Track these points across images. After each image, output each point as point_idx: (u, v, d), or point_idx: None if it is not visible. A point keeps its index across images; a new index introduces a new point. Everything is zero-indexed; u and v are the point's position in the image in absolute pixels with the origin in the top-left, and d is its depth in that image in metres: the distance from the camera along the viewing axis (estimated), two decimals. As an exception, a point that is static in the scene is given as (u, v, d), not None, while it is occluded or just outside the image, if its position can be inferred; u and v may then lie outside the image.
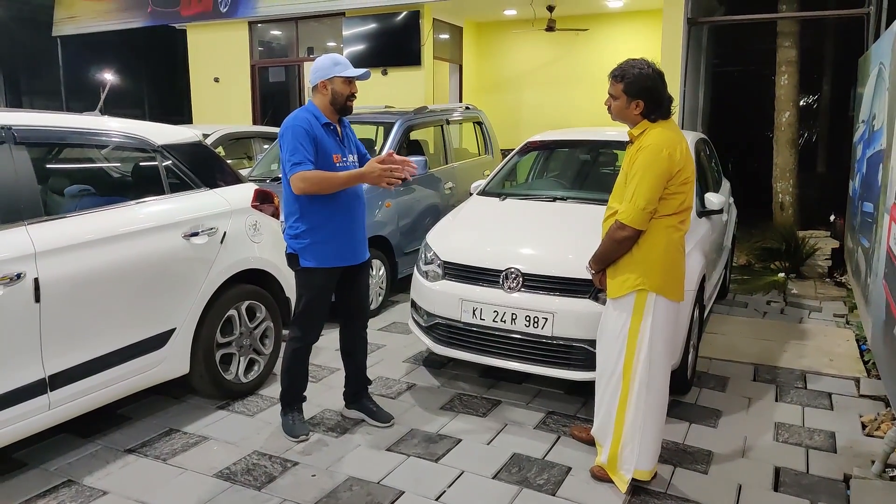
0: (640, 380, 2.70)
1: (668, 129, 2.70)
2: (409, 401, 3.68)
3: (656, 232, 2.65)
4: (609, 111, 2.78)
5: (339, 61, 3.00)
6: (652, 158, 2.59)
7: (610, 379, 2.80)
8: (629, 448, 2.74)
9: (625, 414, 2.74)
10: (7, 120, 2.76)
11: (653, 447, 2.78)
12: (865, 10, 7.15)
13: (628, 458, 2.75)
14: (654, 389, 2.73)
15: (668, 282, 2.69)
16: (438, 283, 3.79)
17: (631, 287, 2.68)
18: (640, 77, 2.66)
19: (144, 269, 3.09)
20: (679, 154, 2.62)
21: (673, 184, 2.62)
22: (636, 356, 2.70)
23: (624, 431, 2.75)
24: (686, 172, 2.65)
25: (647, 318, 2.67)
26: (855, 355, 4.44)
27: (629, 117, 2.73)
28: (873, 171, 4.73)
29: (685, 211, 2.71)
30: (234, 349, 3.62)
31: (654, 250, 2.66)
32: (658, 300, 2.67)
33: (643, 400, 2.71)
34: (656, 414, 2.77)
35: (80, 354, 2.81)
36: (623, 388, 2.74)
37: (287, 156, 2.95)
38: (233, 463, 2.98)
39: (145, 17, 11.31)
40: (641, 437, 2.72)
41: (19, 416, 2.61)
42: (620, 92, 2.69)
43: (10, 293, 2.54)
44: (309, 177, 2.90)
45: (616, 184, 2.82)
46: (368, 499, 2.72)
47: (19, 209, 2.67)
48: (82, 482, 2.81)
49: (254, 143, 7.63)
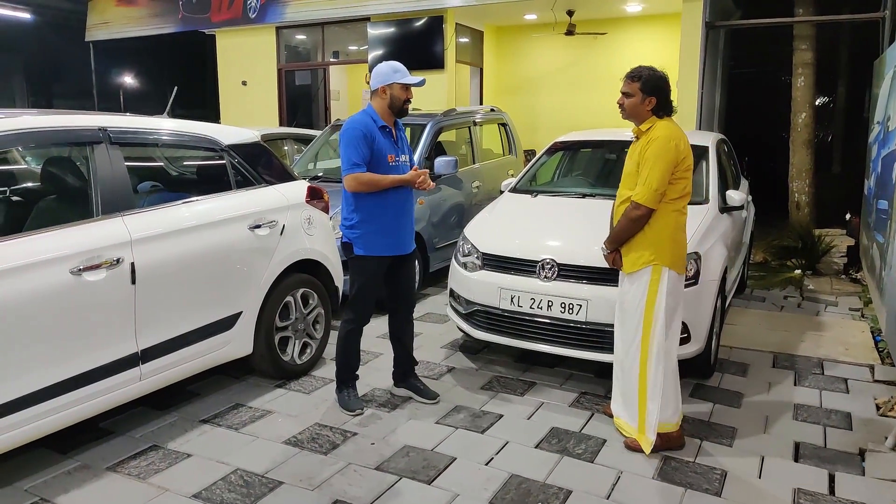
0: (658, 345, 3.07)
1: (673, 124, 3.11)
2: (450, 381, 3.97)
3: (665, 215, 3.05)
4: (621, 109, 3.16)
5: (398, 69, 3.31)
6: (663, 148, 2.98)
7: (629, 349, 3.14)
8: (654, 409, 3.08)
9: (647, 379, 3.10)
10: (103, 122, 3.09)
11: (674, 402, 3.14)
12: (881, 14, 7.36)
13: (653, 419, 3.08)
14: (669, 354, 3.11)
15: (677, 257, 3.10)
16: (477, 273, 4.07)
17: (646, 262, 3.06)
18: (654, 77, 3.09)
19: (218, 256, 3.41)
20: (683, 144, 3.04)
21: (678, 170, 3.02)
22: (654, 325, 3.07)
23: (648, 395, 3.10)
24: (688, 161, 3.06)
25: (662, 289, 3.05)
26: (870, 345, 4.67)
27: (641, 113, 3.10)
28: (888, 170, 4.97)
29: (687, 195, 3.11)
30: (290, 333, 3.93)
31: (665, 230, 3.05)
32: (670, 273, 3.06)
33: (661, 364, 3.07)
34: (672, 374, 3.14)
35: (167, 332, 3.14)
36: (642, 355, 3.10)
37: (344, 156, 3.28)
38: (298, 432, 3.29)
39: (176, 23, 11.70)
40: (663, 396, 3.07)
41: (118, 385, 2.94)
42: (637, 90, 3.07)
43: (111, 276, 2.86)
44: (361, 177, 3.28)
45: (624, 174, 3.20)
46: (425, 463, 3.01)
47: (116, 201, 2.99)
48: (167, 447, 3.13)
49: (285, 145, 7.97)
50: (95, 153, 2.98)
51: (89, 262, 2.78)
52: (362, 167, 3.27)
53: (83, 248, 2.78)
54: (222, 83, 11.84)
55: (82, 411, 2.85)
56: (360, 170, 3.26)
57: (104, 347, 2.87)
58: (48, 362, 2.68)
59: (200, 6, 11.33)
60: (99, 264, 2.81)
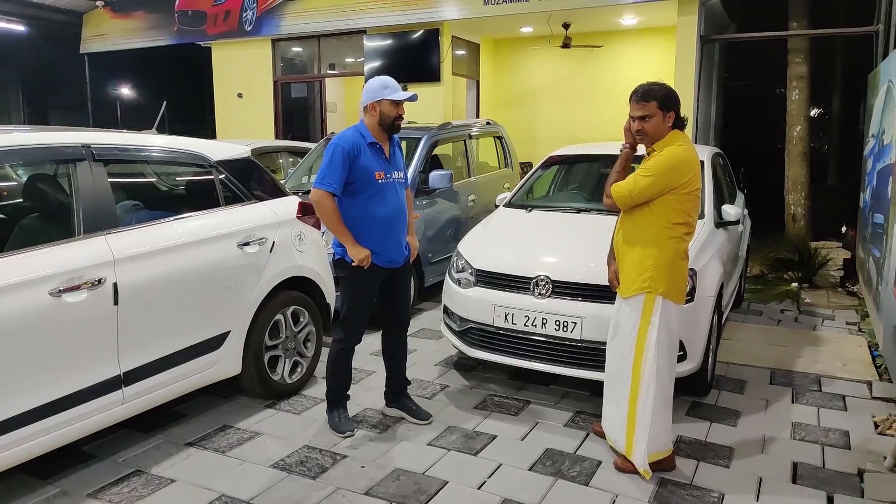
0: (648, 374, 2.95)
1: (687, 146, 2.96)
2: (444, 401, 3.90)
3: (665, 241, 2.93)
4: (643, 136, 2.98)
5: (387, 84, 3.25)
6: (663, 163, 2.88)
7: (620, 373, 3.05)
8: (642, 438, 2.98)
9: (636, 407, 2.99)
10: (86, 139, 3.03)
11: (663, 433, 3.04)
12: (874, 27, 7.38)
13: (641, 450, 2.99)
14: (661, 382, 2.99)
15: (673, 287, 2.96)
16: (471, 289, 4.02)
17: (639, 289, 2.95)
18: (665, 90, 2.97)
19: (205, 275, 3.35)
20: (689, 169, 2.90)
21: (678, 192, 2.88)
22: (645, 353, 2.96)
23: (637, 424, 2.99)
24: (691, 185, 2.91)
25: (655, 318, 2.93)
26: (867, 360, 4.62)
27: (663, 132, 2.97)
28: (883, 183, 4.94)
29: (691, 225, 2.98)
30: (280, 351, 3.87)
31: (662, 257, 2.93)
32: (664, 303, 2.94)
33: (651, 393, 2.96)
34: (664, 404, 3.02)
35: (151, 353, 3.07)
36: (633, 382, 2.99)
37: (321, 170, 3.25)
38: (286, 455, 3.21)
39: (172, 35, 11.70)
40: (651, 427, 2.97)
41: (99, 408, 2.87)
42: (655, 109, 2.93)
43: (93, 296, 2.80)
44: (324, 203, 3.21)
45: None
46: (416, 487, 2.94)
47: (99, 220, 2.94)
48: (150, 471, 3.05)
49: (279, 157, 7.92)
50: (78, 170, 2.92)
51: (69, 282, 2.72)
52: (335, 187, 3.20)
53: (63, 269, 2.72)
54: (218, 96, 11.83)
55: (63, 436, 2.77)
56: (330, 189, 3.19)
57: (85, 371, 2.80)
58: (26, 387, 2.60)
59: (196, 19, 11.33)
60: (79, 285, 2.75)
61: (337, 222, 3.25)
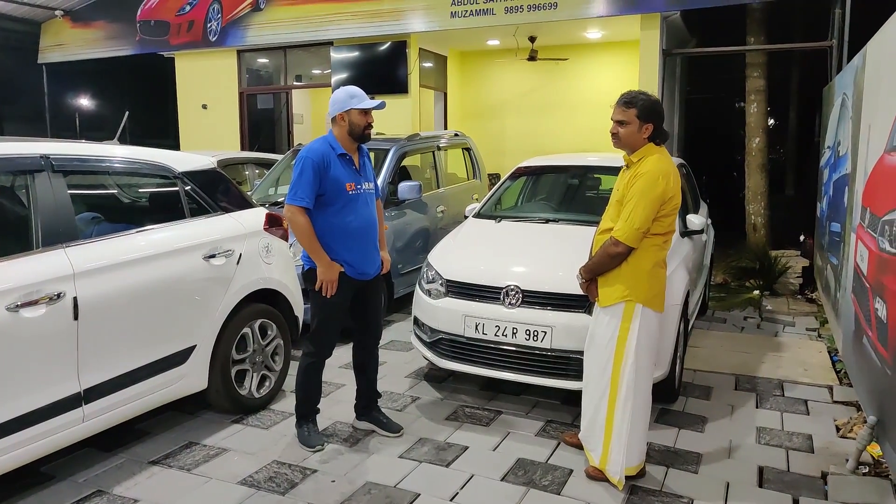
0: (627, 384, 2.95)
1: (664, 157, 2.96)
2: (415, 413, 3.87)
3: (645, 250, 2.93)
4: (615, 138, 2.99)
5: (354, 94, 3.24)
6: (650, 185, 2.85)
7: (598, 383, 3.04)
8: (618, 449, 2.98)
9: (613, 417, 2.99)
10: (45, 149, 2.95)
11: (639, 446, 3.04)
12: (829, 42, 7.66)
13: (618, 459, 2.99)
14: (640, 393, 2.99)
15: (653, 295, 2.98)
16: (441, 300, 4.01)
17: (620, 298, 2.95)
18: (650, 102, 2.94)
19: (170, 288, 3.27)
20: (672, 182, 2.90)
21: (664, 208, 2.89)
22: (624, 362, 2.95)
23: (613, 434, 2.99)
24: (676, 199, 2.93)
25: (634, 326, 2.93)
26: (827, 365, 4.74)
27: (637, 142, 2.94)
28: (839, 193, 5.10)
29: (670, 233, 2.99)
30: (247, 365, 3.79)
31: (642, 266, 2.93)
32: (644, 311, 2.94)
33: (630, 403, 2.96)
34: (641, 416, 3.03)
35: (113, 369, 2.97)
36: (611, 392, 2.99)
37: (291, 184, 3.20)
38: (255, 471, 3.14)
39: (134, 45, 11.48)
40: (629, 438, 2.97)
41: (58, 427, 2.76)
42: (633, 117, 2.91)
43: (51, 312, 2.71)
44: (298, 220, 3.17)
45: (609, 202, 3.10)
46: (387, 501, 2.90)
47: (58, 232, 2.85)
48: (112, 492, 2.95)
49: (245, 169, 7.82)
50: (37, 182, 2.83)
51: (27, 297, 2.63)
52: (307, 201, 3.16)
53: (21, 283, 2.62)
54: (182, 106, 11.64)
55: (20, 456, 2.66)
56: (302, 203, 3.16)
57: (43, 388, 2.70)
58: (-19, 405, 2.50)
59: (159, 29, 11.14)
60: (37, 300, 2.66)
61: (311, 240, 3.20)
